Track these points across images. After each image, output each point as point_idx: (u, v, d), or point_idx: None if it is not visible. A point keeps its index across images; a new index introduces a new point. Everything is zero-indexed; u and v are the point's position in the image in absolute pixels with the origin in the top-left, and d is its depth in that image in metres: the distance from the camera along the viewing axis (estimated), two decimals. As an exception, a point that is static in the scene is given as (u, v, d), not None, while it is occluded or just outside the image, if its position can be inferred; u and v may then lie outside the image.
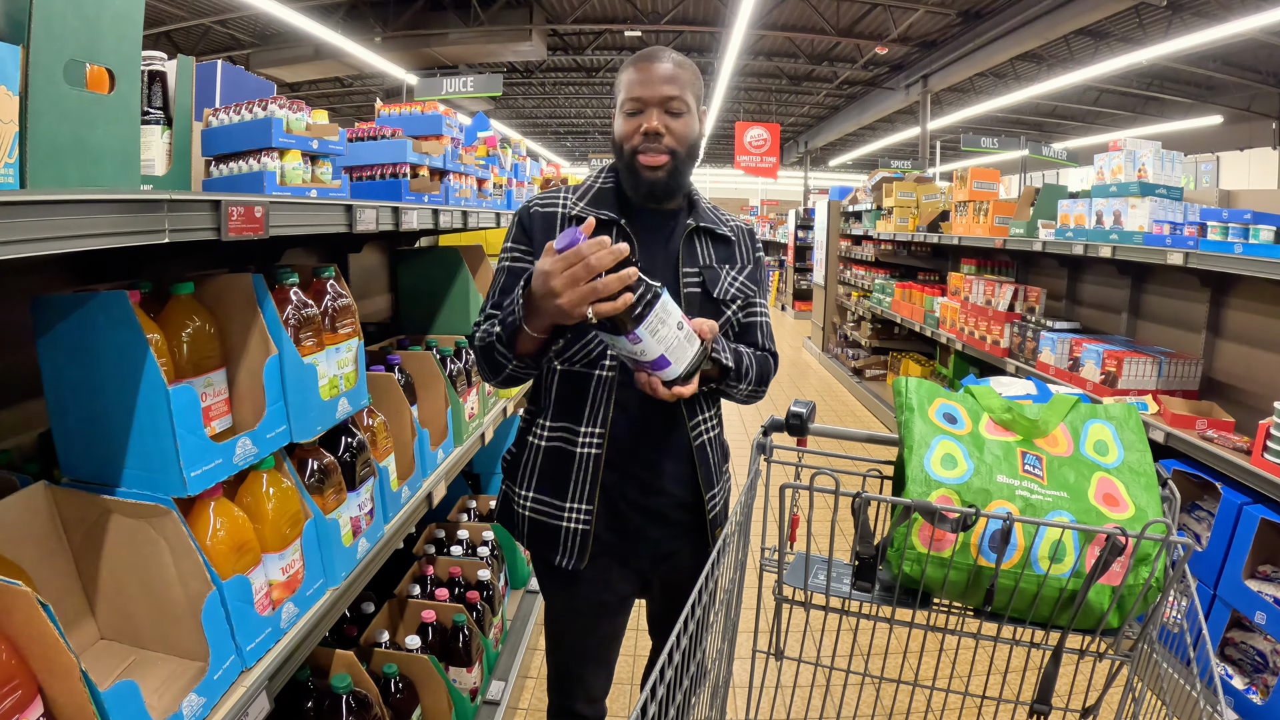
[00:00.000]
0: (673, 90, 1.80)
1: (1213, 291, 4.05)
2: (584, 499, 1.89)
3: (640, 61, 1.83)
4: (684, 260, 1.92)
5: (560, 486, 1.91)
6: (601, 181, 1.97)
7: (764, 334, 2.09)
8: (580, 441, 1.89)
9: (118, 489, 1.40)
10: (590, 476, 1.89)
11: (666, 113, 1.81)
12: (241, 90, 2.16)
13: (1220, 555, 3.07)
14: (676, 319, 1.54)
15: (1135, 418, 1.62)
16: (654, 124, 1.79)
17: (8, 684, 1.01)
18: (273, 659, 1.52)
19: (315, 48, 13.52)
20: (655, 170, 1.82)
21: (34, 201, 0.93)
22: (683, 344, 1.56)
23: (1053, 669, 1.56)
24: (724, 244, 2.01)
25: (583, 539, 1.90)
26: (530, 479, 1.96)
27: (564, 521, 1.91)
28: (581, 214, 1.88)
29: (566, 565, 1.92)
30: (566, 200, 1.94)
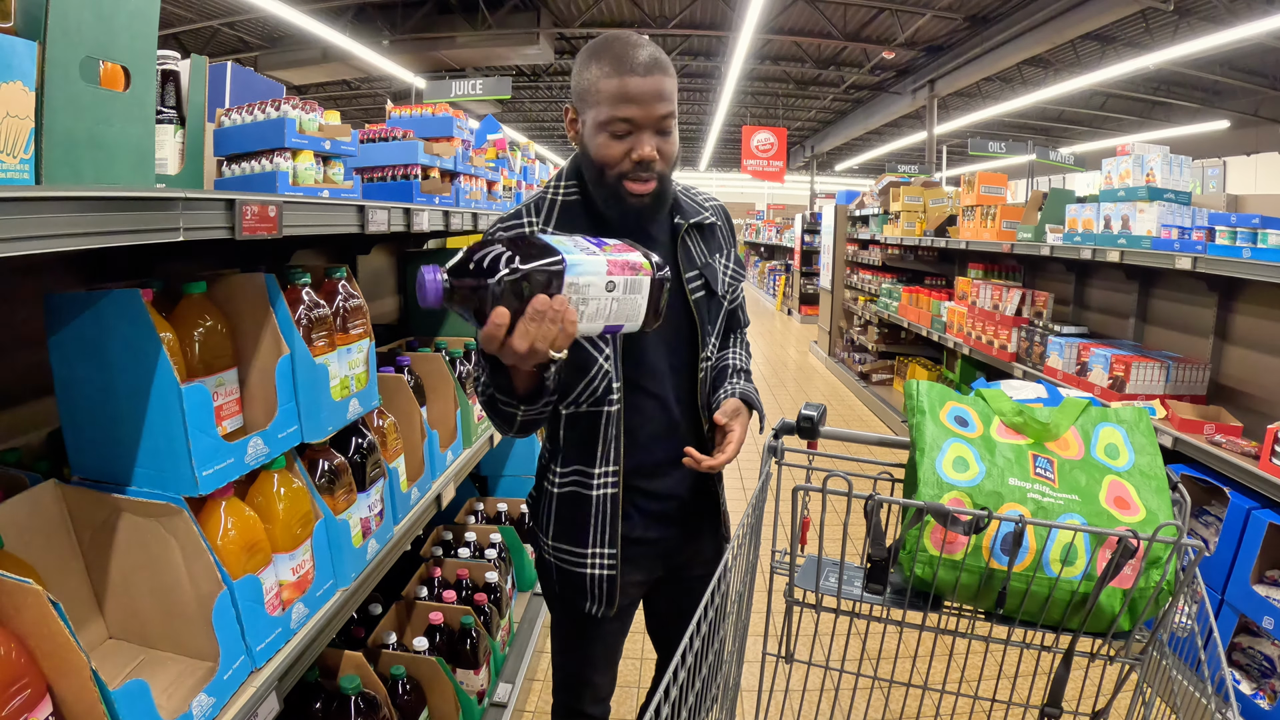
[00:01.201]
0: (666, 108, 1.60)
1: (1220, 296, 4.03)
2: (605, 543, 1.79)
3: (627, 71, 1.57)
4: (683, 265, 1.79)
5: (581, 534, 1.80)
6: (564, 194, 1.76)
7: (743, 308, 2.03)
8: (595, 484, 1.77)
9: (128, 488, 1.40)
10: (609, 519, 1.77)
11: (660, 134, 1.62)
12: (252, 91, 2.16)
13: (1228, 560, 3.06)
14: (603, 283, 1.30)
15: (1146, 421, 1.62)
16: (649, 152, 1.59)
17: (17, 682, 1.01)
18: (282, 659, 1.52)
19: (323, 50, 13.56)
20: (643, 197, 1.64)
21: (50, 198, 0.93)
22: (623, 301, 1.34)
23: (1063, 672, 1.56)
24: (709, 233, 1.89)
25: (609, 584, 1.81)
26: (550, 526, 1.86)
27: (588, 569, 1.81)
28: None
29: (596, 612, 1.84)
30: (530, 225, 1.73)
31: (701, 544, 1.98)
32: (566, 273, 1.24)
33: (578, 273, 1.26)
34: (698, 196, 1.93)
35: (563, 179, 1.79)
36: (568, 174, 1.80)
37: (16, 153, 0.95)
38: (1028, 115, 20.47)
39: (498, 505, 3.75)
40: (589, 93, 1.64)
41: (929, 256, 8.84)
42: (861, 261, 10.79)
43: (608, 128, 1.60)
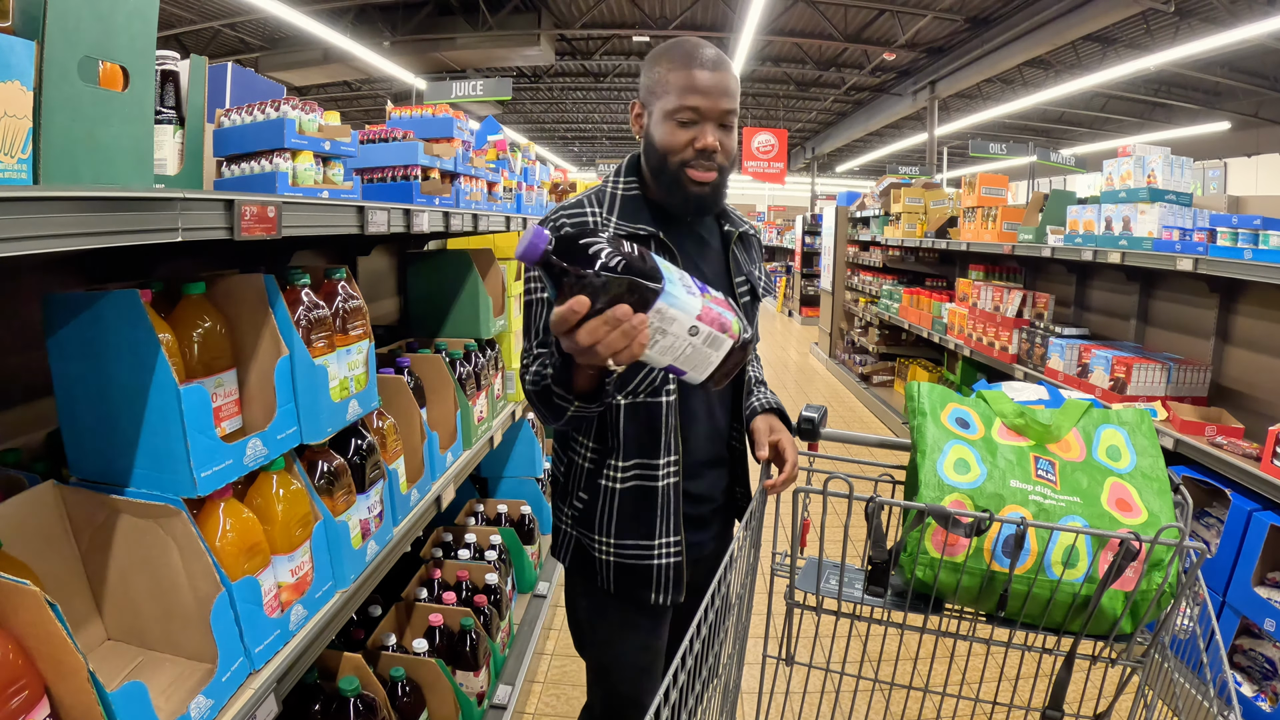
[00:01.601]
0: (730, 104, 1.70)
1: (1222, 297, 4.03)
2: (672, 531, 1.81)
3: (696, 66, 1.68)
4: (733, 270, 1.89)
5: (647, 526, 1.81)
6: (624, 189, 1.83)
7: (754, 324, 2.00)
8: (660, 474, 1.79)
9: (127, 489, 1.40)
10: (675, 507, 1.80)
11: (722, 128, 1.71)
12: (252, 92, 2.16)
13: (1229, 562, 3.06)
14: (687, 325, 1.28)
15: (1148, 423, 1.61)
16: (712, 141, 1.68)
17: (15, 684, 1.01)
18: (281, 661, 1.52)
19: (324, 51, 13.57)
20: (703, 186, 1.72)
21: (48, 198, 0.93)
22: (699, 350, 1.31)
23: (1065, 675, 1.56)
24: (750, 244, 2.00)
25: (677, 572, 1.83)
26: (610, 525, 1.83)
27: (655, 559, 1.82)
28: (619, 230, 1.74)
29: (664, 601, 1.84)
30: (595, 215, 1.78)
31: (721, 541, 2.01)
32: (660, 298, 1.23)
33: (670, 303, 1.24)
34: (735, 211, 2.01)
35: (621, 175, 1.86)
36: (625, 171, 1.86)
37: (14, 152, 0.94)
38: (1029, 116, 20.47)
39: (498, 507, 3.74)
40: (657, 85, 1.73)
41: (930, 258, 8.84)
42: (862, 263, 10.79)
43: (675, 116, 1.69)
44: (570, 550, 1.94)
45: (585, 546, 1.89)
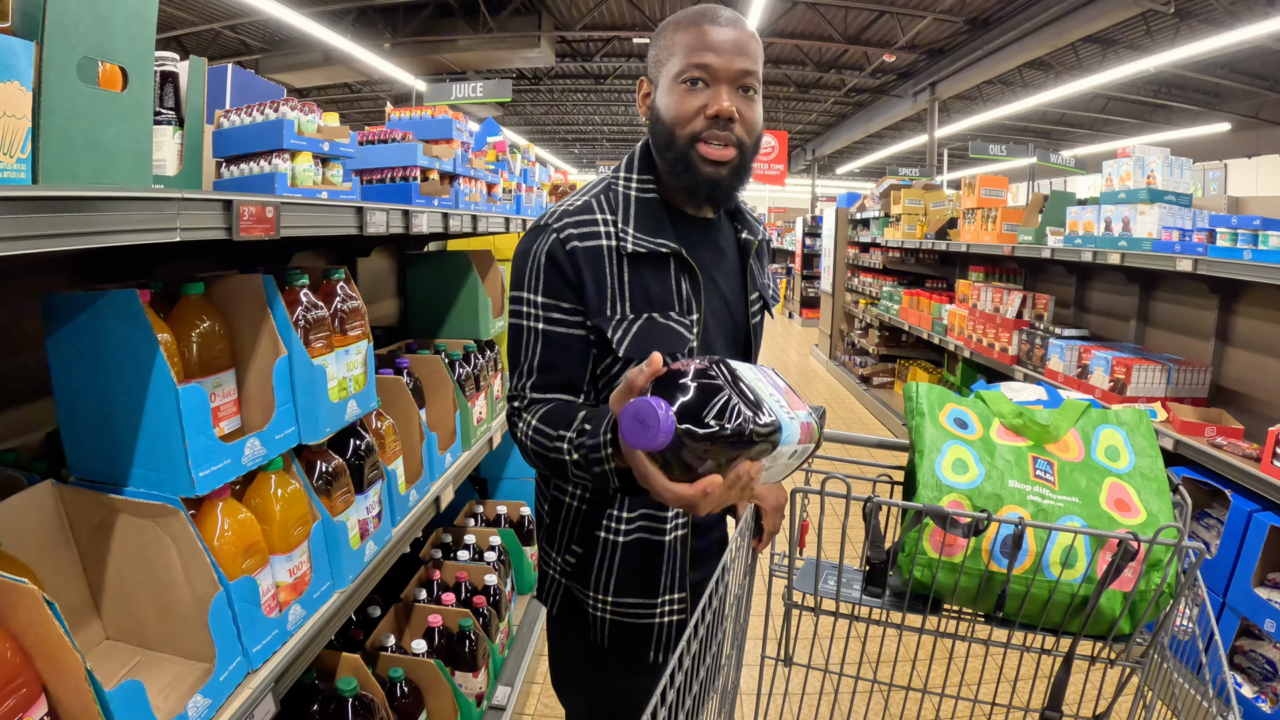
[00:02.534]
0: (748, 63, 1.43)
1: (1221, 298, 4.03)
2: (677, 588, 1.63)
3: (701, 20, 1.43)
4: (749, 287, 1.67)
5: (650, 583, 1.61)
6: (639, 189, 1.54)
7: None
8: (669, 526, 1.60)
9: (125, 488, 1.40)
10: (681, 562, 1.62)
11: (741, 92, 1.45)
12: (252, 94, 2.16)
13: (1229, 563, 3.06)
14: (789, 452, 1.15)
15: (1146, 423, 1.61)
16: (726, 105, 1.41)
17: (12, 682, 1.01)
18: (279, 661, 1.52)
19: (324, 53, 13.56)
20: (719, 166, 1.45)
21: (46, 198, 0.93)
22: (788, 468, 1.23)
23: (1064, 675, 1.55)
24: (764, 251, 1.78)
25: (678, 630, 1.64)
26: (609, 582, 1.61)
27: (657, 618, 1.64)
28: (640, 248, 1.47)
29: (664, 660, 1.65)
30: (608, 225, 1.50)
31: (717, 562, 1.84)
32: (781, 442, 1.08)
33: (785, 440, 1.09)
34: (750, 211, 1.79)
35: (632, 170, 1.58)
36: (637, 166, 1.58)
37: (13, 152, 0.95)
38: (1029, 118, 20.47)
39: (497, 508, 3.74)
40: (664, 51, 1.48)
41: (930, 259, 8.85)
42: (862, 264, 10.80)
43: (682, 78, 1.44)
44: (559, 599, 1.71)
45: (578, 599, 1.67)
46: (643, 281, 1.48)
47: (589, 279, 1.46)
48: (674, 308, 1.50)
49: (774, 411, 1.08)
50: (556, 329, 1.49)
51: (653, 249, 1.48)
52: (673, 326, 1.49)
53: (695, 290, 1.51)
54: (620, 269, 1.47)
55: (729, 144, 1.44)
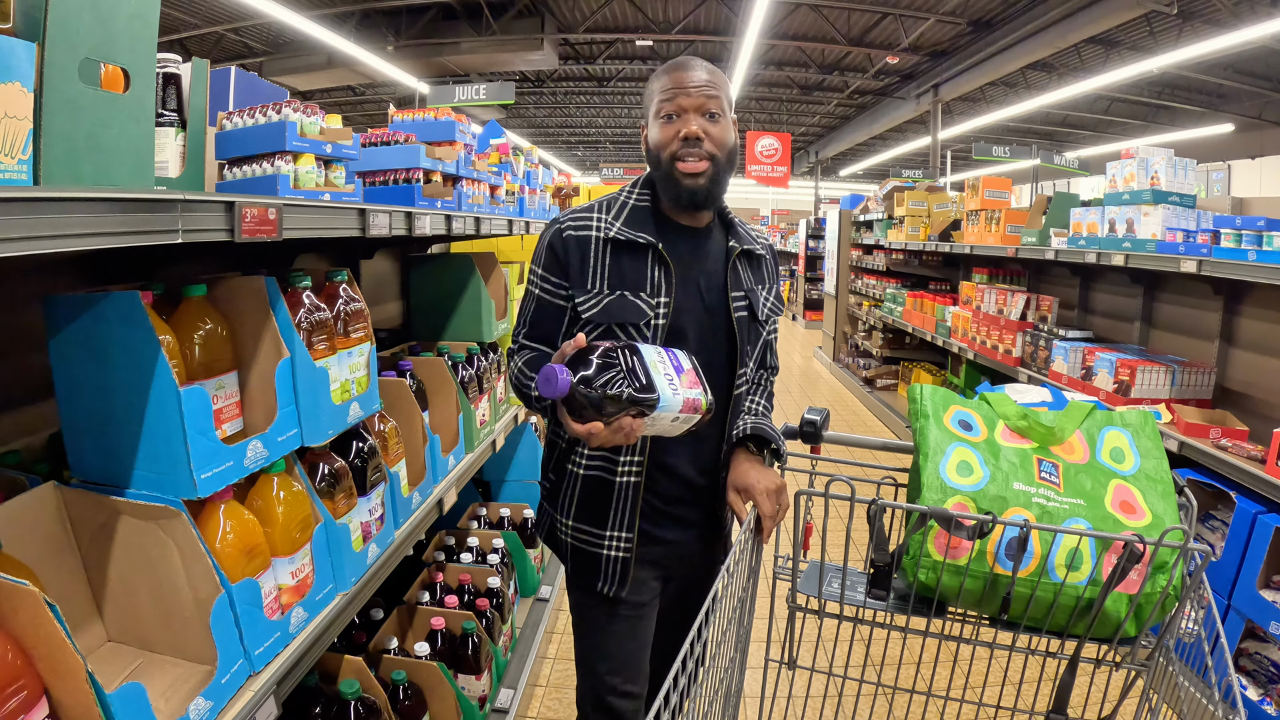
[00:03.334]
0: (711, 92, 1.79)
1: (1226, 299, 4.02)
2: (624, 527, 1.88)
3: (674, 69, 1.82)
4: (731, 285, 1.90)
5: (600, 515, 1.89)
6: (636, 198, 1.91)
7: (773, 351, 2.12)
8: (620, 471, 1.85)
9: (127, 490, 1.40)
10: (630, 505, 1.87)
11: (706, 117, 1.79)
12: (255, 96, 2.16)
13: (1234, 565, 3.04)
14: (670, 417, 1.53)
15: (1151, 425, 1.61)
16: (693, 128, 1.76)
17: (13, 684, 1.01)
18: (281, 663, 1.51)
19: (328, 56, 13.58)
20: (696, 177, 1.79)
21: (47, 199, 0.93)
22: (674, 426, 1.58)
23: (1069, 678, 1.55)
24: (758, 264, 2.02)
25: (623, 566, 1.89)
26: (570, 507, 1.94)
27: (604, 549, 1.90)
28: (620, 236, 1.83)
29: (608, 592, 1.91)
30: (600, 221, 1.87)
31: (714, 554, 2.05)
32: (655, 410, 1.47)
33: (661, 409, 1.48)
34: (752, 230, 2.06)
35: (637, 187, 1.94)
36: (643, 184, 1.95)
37: (15, 153, 0.94)
38: (1032, 119, 20.44)
39: (500, 510, 3.74)
40: (649, 97, 1.87)
41: (933, 261, 8.84)
42: (866, 267, 10.79)
43: (661, 114, 1.81)
44: (547, 528, 2.05)
45: (553, 523, 2.00)
46: (620, 265, 1.83)
47: (575, 260, 1.85)
48: (644, 289, 1.82)
49: (657, 386, 1.47)
50: (546, 296, 1.90)
51: (631, 239, 1.83)
52: (637, 304, 1.81)
53: (668, 279, 1.82)
54: (603, 253, 1.84)
55: (701, 158, 1.78)
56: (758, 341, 1.98)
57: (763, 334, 1.99)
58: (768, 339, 2.04)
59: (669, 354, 1.58)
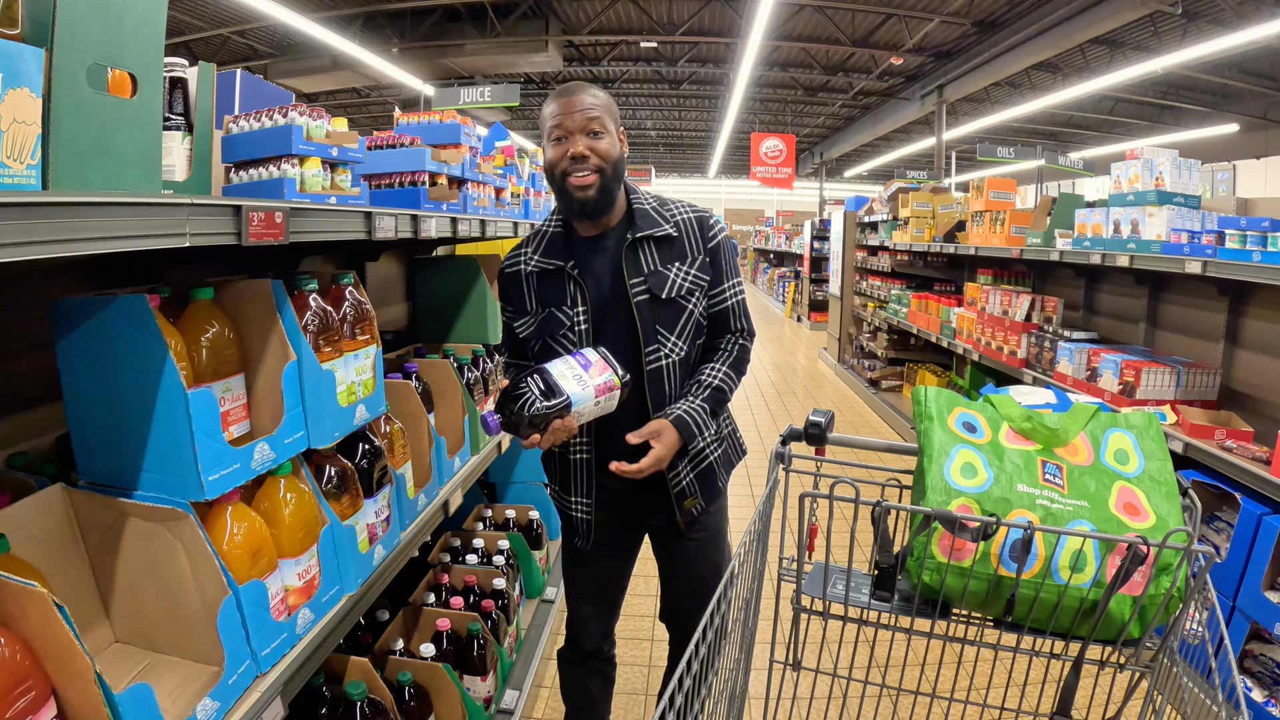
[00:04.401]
0: (591, 114, 2.01)
1: (1231, 300, 4.01)
2: (584, 494, 2.25)
3: (560, 96, 2.05)
4: (628, 273, 2.10)
5: (566, 485, 2.28)
6: (552, 226, 2.19)
7: (735, 314, 2.25)
8: (573, 450, 2.22)
9: (135, 492, 1.41)
10: (585, 475, 2.23)
11: (588, 136, 2.01)
12: (260, 99, 2.17)
13: (1239, 566, 3.04)
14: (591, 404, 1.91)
15: (1156, 426, 1.60)
16: (580, 148, 2.00)
17: (22, 685, 1.02)
18: (288, 665, 1.52)
19: (333, 58, 13.61)
20: (585, 190, 2.02)
21: (56, 203, 0.93)
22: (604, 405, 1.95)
23: (1073, 680, 1.55)
24: (667, 243, 2.15)
25: (588, 525, 2.28)
26: (553, 476, 2.34)
27: (573, 511, 2.29)
28: (536, 268, 2.16)
29: (582, 546, 2.33)
30: (524, 257, 2.20)
31: (654, 498, 2.27)
32: (571, 409, 1.87)
33: (577, 404, 1.87)
34: (667, 209, 2.20)
35: (555, 213, 2.22)
36: (555, 209, 2.22)
37: (24, 158, 0.95)
38: (1037, 120, 20.43)
39: (506, 512, 3.74)
40: (542, 124, 2.10)
41: (938, 262, 8.83)
42: (870, 268, 10.78)
43: (551, 136, 2.05)
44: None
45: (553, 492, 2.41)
46: (544, 289, 2.16)
47: (514, 292, 2.22)
48: (565, 304, 2.13)
49: (565, 390, 1.85)
50: (510, 321, 2.27)
51: (543, 268, 2.15)
52: (560, 318, 2.13)
53: (582, 292, 2.11)
54: (530, 283, 2.19)
55: (590, 172, 2.02)
56: (679, 318, 2.14)
57: (687, 308, 2.14)
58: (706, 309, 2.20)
59: (576, 356, 1.95)
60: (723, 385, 2.19)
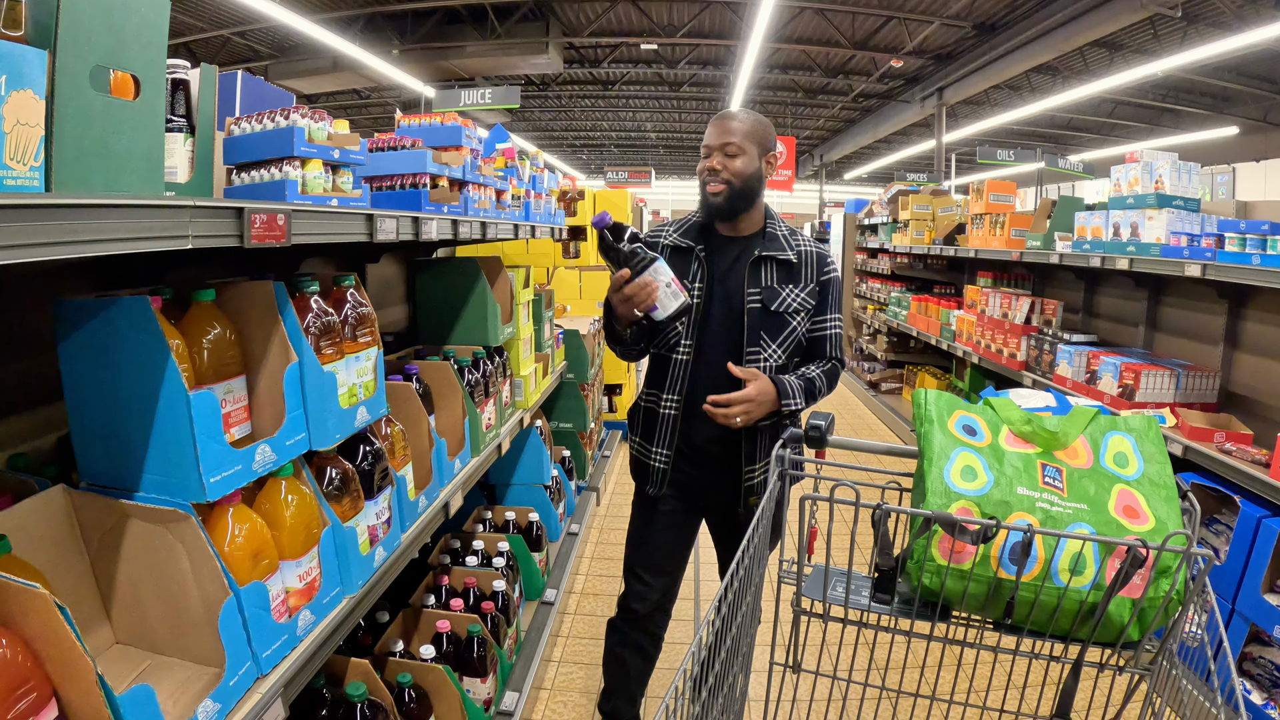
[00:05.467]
0: (729, 138, 2.39)
1: (1230, 303, 4.02)
2: (666, 445, 2.53)
3: (714, 118, 2.47)
4: (749, 282, 2.45)
5: (650, 435, 2.56)
6: (695, 218, 2.56)
7: (832, 343, 2.57)
8: (663, 404, 2.51)
9: (136, 494, 1.41)
10: (670, 430, 2.51)
11: (724, 154, 2.39)
12: (262, 100, 2.17)
13: (1239, 569, 3.04)
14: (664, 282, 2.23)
15: (1155, 429, 1.61)
16: (713, 163, 2.41)
17: (23, 686, 1.02)
18: (288, 666, 1.52)
19: (333, 60, 13.60)
20: (715, 196, 2.42)
21: (60, 205, 0.94)
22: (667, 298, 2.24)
23: (1072, 683, 1.55)
24: (787, 267, 2.49)
25: (663, 475, 2.56)
26: (636, 427, 2.65)
27: (652, 460, 2.56)
28: (672, 242, 2.52)
29: (652, 492, 2.59)
30: (666, 232, 2.58)
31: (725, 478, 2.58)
32: (655, 263, 2.22)
33: (657, 267, 2.23)
34: (795, 238, 2.55)
35: (699, 210, 2.56)
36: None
37: (27, 160, 0.95)
38: (1037, 123, 20.43)
39: (506, 514, 3.75)
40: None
41: (938, 265, 8.83)
42: (870, 270, 10.79)
43: (701, 153, 2.47)
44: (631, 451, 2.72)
45: (631, 445, 2.70)
46: (673, 262, 2.44)
47: None
48: (686, 278, 2.45)
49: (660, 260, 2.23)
50: None
51: (676, 244, 2.53)
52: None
53: (702, 274, 2.47)
54: (664, 254, 2.41)
55: (719, 183, 2.41)
56: (782, 330, 2.46)
57: (791, 324, 2.47)
58: (807, 332, 2.52)
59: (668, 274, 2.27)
60: (816, 380, 2.49)
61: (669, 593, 2.70)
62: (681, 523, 2.65)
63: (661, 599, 2.68)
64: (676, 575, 2.71)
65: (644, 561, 2.66)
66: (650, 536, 2.64)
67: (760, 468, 2.51)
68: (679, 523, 2.65)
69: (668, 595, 2.70)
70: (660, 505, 2.62)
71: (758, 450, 2.51)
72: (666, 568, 2.67)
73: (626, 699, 2.80)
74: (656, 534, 2.63)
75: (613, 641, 2.77)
